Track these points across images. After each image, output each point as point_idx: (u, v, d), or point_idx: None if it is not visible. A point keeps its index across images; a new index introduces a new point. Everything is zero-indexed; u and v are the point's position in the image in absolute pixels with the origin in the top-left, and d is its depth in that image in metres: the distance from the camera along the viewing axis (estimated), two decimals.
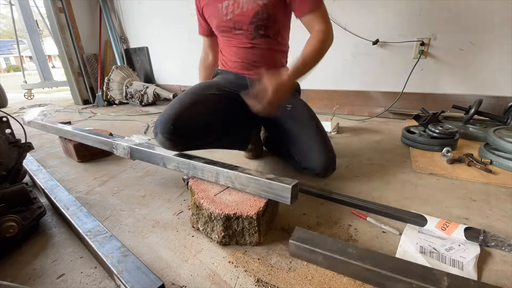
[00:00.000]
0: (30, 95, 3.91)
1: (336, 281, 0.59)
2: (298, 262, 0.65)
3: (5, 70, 20.94)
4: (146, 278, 0.55)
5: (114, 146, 1.05)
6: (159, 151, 0.91)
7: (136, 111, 2.68)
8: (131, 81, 3.00)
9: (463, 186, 0.97)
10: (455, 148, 1.28)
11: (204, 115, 0.94)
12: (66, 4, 2.80)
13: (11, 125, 0.98)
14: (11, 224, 0.69)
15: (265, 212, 0.70)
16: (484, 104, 1.50)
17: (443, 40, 1.67)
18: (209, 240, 0.74)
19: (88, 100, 3.21)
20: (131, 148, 0.98)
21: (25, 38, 4.19)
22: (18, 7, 3.91)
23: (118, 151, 1.03)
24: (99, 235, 0.69)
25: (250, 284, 0.59)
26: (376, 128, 1.76)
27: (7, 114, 0.98)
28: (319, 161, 0.92)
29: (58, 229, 0.82)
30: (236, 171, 0.74)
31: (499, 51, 1.53)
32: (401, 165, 1.16)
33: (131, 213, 0.89)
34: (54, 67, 13.99)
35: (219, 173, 0.77)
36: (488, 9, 1.49)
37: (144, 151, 0.95)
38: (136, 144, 0.98)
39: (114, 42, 3.21)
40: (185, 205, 0.92)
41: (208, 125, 0.96)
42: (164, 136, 0.86)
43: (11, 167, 0.94)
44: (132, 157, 0.99)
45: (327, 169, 0.94)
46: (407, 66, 1.76)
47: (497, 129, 1.18)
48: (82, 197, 1.01)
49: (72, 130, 1.28)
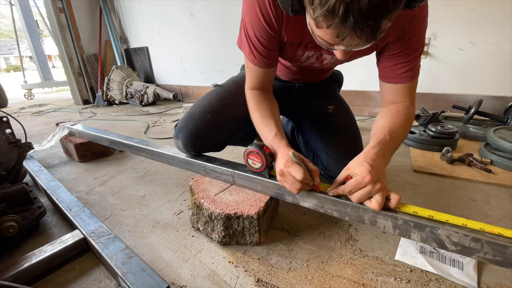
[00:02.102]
0: (30, 95, 3.91)
1: (336, 281, 0.59)
2: (298, 262, 0.65)
3: (5, 70, 20.95)
4: (152, 280, 0.55)
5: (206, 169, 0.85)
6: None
7: (136, 111, 2.68)
8: (131, 81, 3.00)
9: (463, 186, 0.97)
10: (455, 148, 1.28)
11: (231, 122, 0.87)
12: (66, 4, 2.80)
13: (11, 125, 0.98)
14: (11, 224, 0.69)
15: (265, 212, 0.70)
16: (484, 104, 1.51)
17: (443, 40, 1.67)
18: (209, 240, 0.74)
19: (88, 100, 3.21)
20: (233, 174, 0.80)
21: (25, 38, 4.20)
22: (18, 7, 3.92)
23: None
24: (102, 236, 0.69)
25: (250, 284, 0.59)
26: None
27: (7, 114, 0.98)
28: None
29: (58, 229, 0.82)
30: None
31: (499, 51, 1.53)
32: (401, 165, 1.16)
33: (131, 213, 0.89)
34: (54, 67, 14.01)
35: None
36: (488, 9, 1.49)
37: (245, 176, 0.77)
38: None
39: (114, 42, 3.21)
40: (185, 205, 0.92)
41: (232, 131, 0.90)
42: (185, 148, 0.86)
43: (11, 167, 0.94)
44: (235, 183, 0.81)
45: None
46: None
47: (497, 129, 1.18)
48: (82, 197, 1.01)
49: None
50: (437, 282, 0.58)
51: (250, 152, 0.68)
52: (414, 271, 0.61)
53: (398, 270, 0.61)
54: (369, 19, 0.41)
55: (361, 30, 0.42)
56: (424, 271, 0.61)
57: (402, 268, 0.62)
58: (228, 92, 0.90)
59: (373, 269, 0.62)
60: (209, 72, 2.80)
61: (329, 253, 0.68)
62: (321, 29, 0.46)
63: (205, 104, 0.86)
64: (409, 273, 0.61)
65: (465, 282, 0.57)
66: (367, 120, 1.94)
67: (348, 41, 0.45)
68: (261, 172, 0.70)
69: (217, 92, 0.90)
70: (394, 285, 0.58)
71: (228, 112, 0.86)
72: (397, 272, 0.61)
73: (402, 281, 0.58)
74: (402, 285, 0.58)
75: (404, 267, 0.62)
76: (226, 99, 0.88)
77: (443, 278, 0.58)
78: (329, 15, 0.41)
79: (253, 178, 0.73)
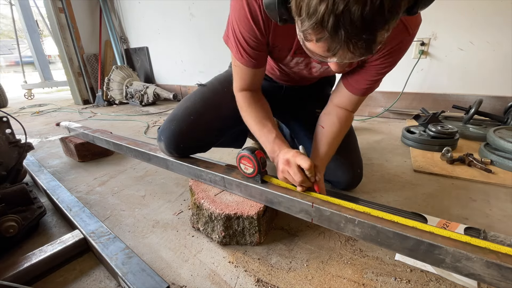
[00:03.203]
0: (30, 95, 3.91)
1: (336, 281, 0.59)
2: (298, 262, 0.65)
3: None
4: (152, 280, 0.55)
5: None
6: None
7: (136, 111, 2.68)
8: (131, 81, 3.00)
9: (463, 186, 0.97)
10: (455, 148, 1.28)
11: (215, 122, 0.85)
12: (66, 4, 2.80)
13: (11, 125, 0.98)
14: (11, 224, 0.69)
15: (265, 212, 0.70)
16: (484, 104, 1.51)
17: (443, 40, 1.67)
18: (209, 240, 0.74)
19: (88, 100, 3.21)
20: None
21: (25, 38, 4.20)
22: (18, 7, 3.92)
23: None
24: (102, 236, 0.69)
25: (250, 284, 0.59)
26: (376, 128, 1.76)
27: (7, 114, 0.98)
28: (344, 178, 0.86)
29: (58, 229, 0.82)
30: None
31: (499, 51, 1.53)
32: (401, 165, 1.16)
33: (131, 213, 0.89)
34: (51, 62, 13.92)
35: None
36: (488, 9, 1.49)
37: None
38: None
39: (114, 42, 3.21)
40: (185, 205, 0.92)
41: (217, 132, 0.88)
42: (168, 150, 0.85)
43: (11, 167, 0.94)
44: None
45: (352, 185, 0.91)
46: (407, 66, 1.77)
47: (497, 129, 1.18)
48: (82, 197, 1.01)
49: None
50: (437, 282, 0.58)
51: (242, 156, 0.67)
52: (414, 271, 0.61)
53: (398, 270, 0.61)
54: (363, 32, 0.36)
55: (354, 44, 0.38)
56: (424, 271, 0.61)
57: (402, 268, 0.62)
58: (213, 92, 0.88)
59: (373, 269, 0.62)
60: (209, 72, 2.80)
61: (329, 253, 0.68)
62: (311, 41, 0.42)
63: (188, 105, 0.85)
64: (409, 273, 0.61)
65: (465, 282, 0.57)
66: (367, 120, 1.94)
67: (341, 55, 0.41)
68: (253, 177, 0.69)
69: (201, 92, 0.89)
70: (394, 285, 0.58)
71: (212, 113, 0.85)
72: (397, 272, 0.61)
73: (402, 281, 0.58)
74: (402, 285, 0.58)
75: (404, 267, 0.62)
76: (211, 99, 0.86)
77: (443, 278, 0.58)
78: (318, 27, 0.37)
79: (245, 184, 0.70)
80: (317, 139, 0.74)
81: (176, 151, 0.85)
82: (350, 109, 0.76)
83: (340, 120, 0.75)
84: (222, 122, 0.87)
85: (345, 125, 0.76)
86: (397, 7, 0.35)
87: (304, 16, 0.38)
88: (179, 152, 0.85)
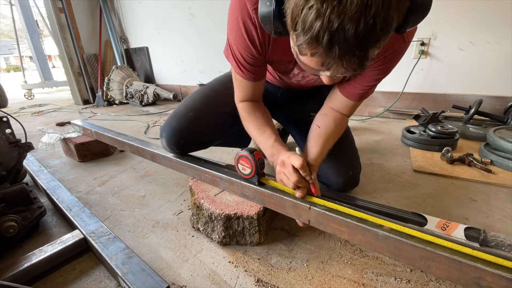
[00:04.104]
0: (30, 95, 3.91)
1: (336, 281, 0.59)
2: (298, 262, 0.65)
3: (5, 70, 20.95)
4: (152, 280, 0.55)
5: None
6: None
7: (136, 111, 2.68)
8: (131, 81, 3.00)
9: (463, 186, 0.97)
10: (455, 148, 1.28)
11: (216, 118, 0.88)
12: (66, 4, 2.80)
13: (11, 125, 0.98)
14: (11, 224, 0.69)
15: (265, 212, 0.70)
16: (484, 104, 1.51)
17: (443, 40, 1.67)
18: (209, 240, 0.74)
19: (88, 100, 3.21)
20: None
21: (25, 38, 4.20)
22: (18, 7, 3.92)
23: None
24: (102, 236, 0.69)
25: (250, 284, 0.59)
26: (376, 128, 1.76)
27: (7, 114, 0.98)
28: (335, 181, 0.85)
29: (58, 229, 0.82)
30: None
31: (499, 51, 1.53)
32: (401, 165, 1.16)
33: (131, 213, 0.89)
34: (54, 67, 14.02)
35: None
36: (488, 9, 1.49)
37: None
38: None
39: (114, 42, 3.21)
40: (185, 205, 0.92)
41: (218, 129, 0.90)
42: (169, 146, 0.87)
43: (11, 167, 0.94)
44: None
45: (346, 187, 0.88)
46: (407, 66, 1.77)
47: (497, 129, 1.18)
48: (82, 197, 1.01)
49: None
50: (437, 282, 0.58)
51: (240, 156, 0.66)
52: (414, 271, 0.61)
53: (398, 270, 0.61)
54: (356, 49, 0.37)
55: (347, 60, 0.39)
56: (424, 271, 0.60)
57: (402, 268, 0.62)
58: (212, 90, 0.91)
59: (373, 269, 0.62)
60: (209, 72, 2.80)
61: (329, 253, 0.68)
62: (305, 55, 0.43)
63: (189, 103, 0.89)
64: (409, 273, 0.61)
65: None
66: (367, 120, 1.94)
67: (334, 69, 0.42)
68: (250, 178, 0.68)
69: (201, 91, 0.92)
70: (394, 285, 0.58)
71: (212, 109, 0.88)
72: (397, 272, 0.61)
73: (402, 281, 0.58)
74: (402, 285, 0.58)
75: (404, 267, 0.62)
76: (210, 97, 0.89)
77: (443, 278, 0.58)
78: (313, 43, 0.38)
79: (242, 185, 0.70)
80: (311, 138, 0.74)
81: (177, 147, 0.87)
82: (345, 113, 0.76)
83: (336, 122, 0.75)
84: (222, 119, 0.89)
85: (340, 127, 0.76)
86: (388, 26, 0.37)
87: (299, 31, 0.39)
88: (179, 147, 0.87)
